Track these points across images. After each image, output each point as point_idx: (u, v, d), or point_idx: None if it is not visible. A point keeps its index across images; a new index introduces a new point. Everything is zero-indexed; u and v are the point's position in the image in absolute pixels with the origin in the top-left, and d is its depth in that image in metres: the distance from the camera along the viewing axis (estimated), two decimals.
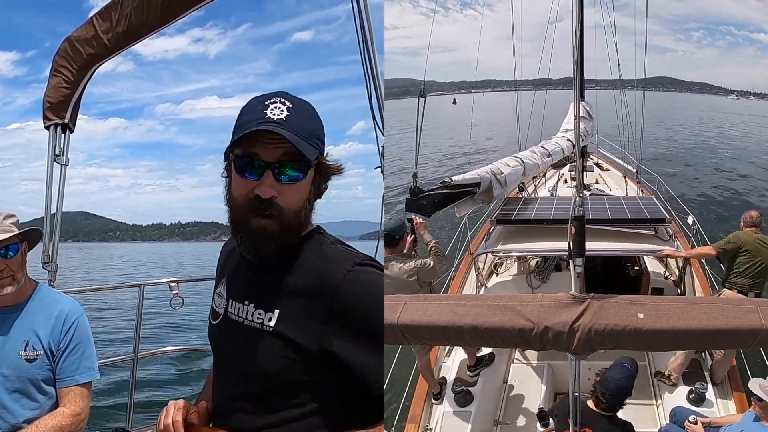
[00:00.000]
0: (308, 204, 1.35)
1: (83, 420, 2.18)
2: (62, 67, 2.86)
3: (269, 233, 1.29)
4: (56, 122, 2.90)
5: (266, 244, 1.30)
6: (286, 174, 1.28)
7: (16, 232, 2.14)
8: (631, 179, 8.39)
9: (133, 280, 15.64)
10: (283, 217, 1.29)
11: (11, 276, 2.12)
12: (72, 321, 2.21)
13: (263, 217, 1.28)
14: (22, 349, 2.13)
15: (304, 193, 1.33)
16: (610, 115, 9.91)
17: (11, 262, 2.12)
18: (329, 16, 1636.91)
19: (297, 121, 1.30)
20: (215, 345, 1.50)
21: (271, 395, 1.32)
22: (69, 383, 2.19)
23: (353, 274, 1.28)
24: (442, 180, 3.69)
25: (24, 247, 2.21)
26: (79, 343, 2.21)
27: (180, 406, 1.42)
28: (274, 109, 1.29)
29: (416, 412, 4.07)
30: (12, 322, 2.16)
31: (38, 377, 2.15)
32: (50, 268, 2.88)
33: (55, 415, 2.13)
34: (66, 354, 2.19)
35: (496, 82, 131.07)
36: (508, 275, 5.86)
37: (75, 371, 2.19)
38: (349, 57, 25.60)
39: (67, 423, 2.12)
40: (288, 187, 1.29)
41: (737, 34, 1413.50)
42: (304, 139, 1.29)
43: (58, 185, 2.95)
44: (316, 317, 1.27)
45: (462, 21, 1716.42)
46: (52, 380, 2.19)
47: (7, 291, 2.12)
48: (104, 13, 2.75)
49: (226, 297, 1.45)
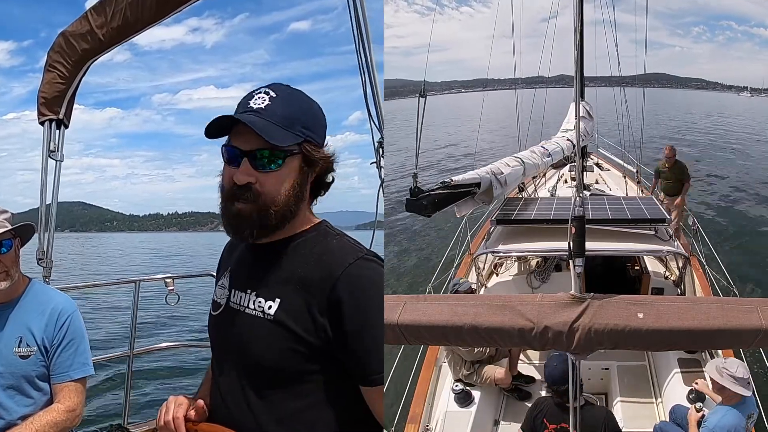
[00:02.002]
0: (294, 192, 1.36)
1: (78, 416, 2.19)
2: (57, 63, 2.84)
3: (244, 216, 1.32)
4: (51, 118, 2.88)
5: (243, 227, 1.34)
6: (262, 161, 1.31)
7: (8, 227, 2.13)
8: (631, 179, 8.39)
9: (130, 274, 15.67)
10: (259, 202, 1.32)
11: (5, 272, 2.12)
12: (65, 317, 2.22)
13: (239, 201, 1.32)
14: (16, 346, 2.14)
15: (285, 180, 1.34)
16: (609, 112, 9.89)
17: (5, 257, 2.12)
18: (326, 5, 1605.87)
19: (277, 108, 1.32)
20: (215, 335, 1.50)
21: (272, 386, 1.32)
22: (63, 379, 2.19)
23: (354, 268, 1.30)
24: (443, 180, 3.69)
25: (17, 243, 2.21)
26: (73, 339, 2.22)
27: (180, 402, 1.42)
28: (257, 99, 1.33)
29: (416, 412, 4.07)
30: (6, 319, 2.17)
31: (32, 373, 2.15)
32: (45, 264, 2.87)
33: (49, 411, 2.13)
34: (60, 350, 2.19)
35: (487, 81, 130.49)
36: (508, 275, 5.85)
37: (69, 367, 2.20)
38: (346, 47, 25.51)
39: (62, 419, 2.12)
40: (267, 175, 1.32)
41: (737, 29, 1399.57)
42: (281, 126, 1.31)
43: (53, 180, 2.93)
44: (316, 308, 1.28)
45: (458, 18, 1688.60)
46: (46, 376, 2.19)
47: (1, 287, 2.12)
48: (99, 7, 2.73)
49: (228, 287, 1.46)
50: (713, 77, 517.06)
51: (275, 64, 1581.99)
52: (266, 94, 1.34)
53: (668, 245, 4.76)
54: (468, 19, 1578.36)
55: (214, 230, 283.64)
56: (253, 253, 1.42)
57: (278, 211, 1.33)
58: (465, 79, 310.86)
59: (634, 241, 4.72)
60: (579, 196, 2.24)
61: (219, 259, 1.61)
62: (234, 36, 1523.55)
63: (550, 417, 3.33)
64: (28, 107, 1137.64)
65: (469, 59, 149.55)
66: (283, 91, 1.36)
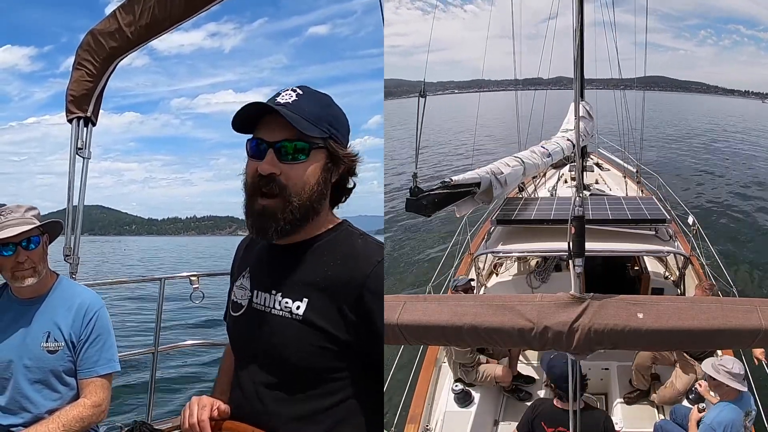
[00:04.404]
0: (318, 188, 1.36)
1: (104, 411, 2.21)
2: (85, 61, 2.87)
3: (270, 212, 1.32)
4: (79, 115, 2.91)
5: (268, 224, 1.33)
6: (287, 152, 1.31)
7: (37, 224, 2.17)
8: (631, 179, 8.38)
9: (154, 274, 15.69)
10: (286, 195, 1.32)
11: (33, 268, 2.15)
12: (93, 313, 2.24)
13: (265, 196, 1.32)
14: (44, 341, 2.16)
15: (311, 175, 1.34)
16: (609, 113, 9.87)
17: (32, 254, 2.15)
18: (345, 10, 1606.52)
19: (305, 105, 1.34)
20: (237, 336, 1.50)
21: (301, 385, 1.33)
22: (90, 375, 2.21)
23: (380, 266, 1.32)
24: (443, 180, 3.68)
25: (45, 240, 2.24)
26: (100, 335, 2.24)
27: (204, 404, 1.40)
28: (285, 96, 1.35)
29: (416, 412, 4.07)
30: (33, 314, 2.19)
31: (60, 368, 2.17)
32: (72, 260, 2.91)
33: (76, 405, 2.16)
34: (87, 346, 2.21)
35: (483, 82, 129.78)
36: (508, 275, 5.86)
37: (96, 363, 2.22)
38: (365, 51, 25.01)
39: (88, 414, 2.15)
40: (291, 167, 1.32)
41: (745, 33, 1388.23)
42: (308, 120, 1.32)
43: (80, 178, 2.96)
44: (346, 306, 1.29)
45: (462, 17, 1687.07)
46: (73, 371, 2.21)
47: (29, 282, 2.14)
48: (127, 6, 2.77)
49: (249, 288, 1.46)
50: (713, 81, 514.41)
51: (294, 68, 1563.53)
52: (293, 91, 1.36)
53: (668, 245, 4.76)
54: (473, 18, 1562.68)
55: (233, 234, 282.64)
56: (275, 253, 1.42)
57: (302, 204, 1.33)
58: (462, 80, 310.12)
59: (634, 241, 4.72)
60: (579, 196, 2.24)
61: (233, 258, 1.61)
62: (253, 40, 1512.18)
63: (548, 420, 3.33)
64: (48, 111, 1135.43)
65: (471, 59, 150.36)
66: (309, 91, 1.39)
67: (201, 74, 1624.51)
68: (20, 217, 2.14)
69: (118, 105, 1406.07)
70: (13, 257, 2.11)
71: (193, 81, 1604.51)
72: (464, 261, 6.07)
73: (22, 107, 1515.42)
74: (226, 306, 1.55)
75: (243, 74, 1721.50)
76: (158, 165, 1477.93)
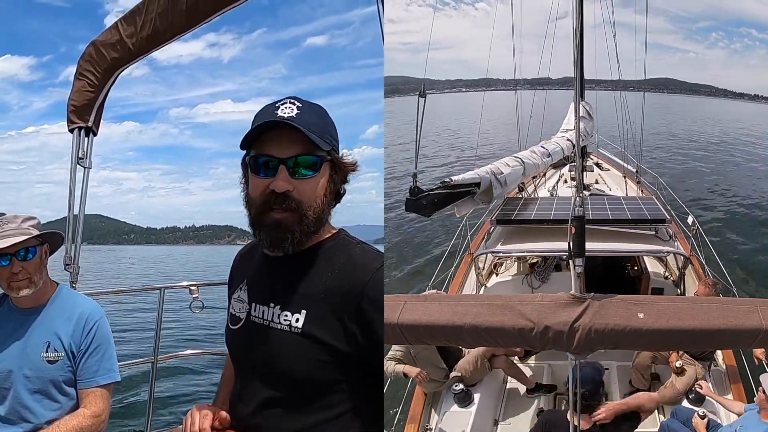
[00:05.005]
0: (325, 201, 1.36)
1: (103, 421, 2.20)
2: (87, 71, 2.90)
3: (287, 225, 1.31)
4: (80, 125, 2.94)
5: (284, 236, 1.32)
6: (300, 168, 1.31)
7: (33, 234, 2.15)
8: (631, 179, 8.38)
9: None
10: (301, 210, 1.31)
11: (28, 278, 2.13)
12: (93, 323, 2.22)
13: (280, 210, 1.30)
14: (44, 351, 2.15)
15: (320, 188, 1.34)
16: (609, 117, 9.84)
17: (28, 264, 2.13)
18: (343, 21, 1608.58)
19: (307, 117, 1.32)
20: (236, 350, 1.49)
21: (301, 398, 1.32)
22: (89, 384, 2.20)
23: (379, 274, 1.31)
24: (442, 180, 3.68)
25: (44, 250, 2.23)
26: (100, 345, 2.22)
27: (205, 413, 1.40)
28: (285, 109, 1.33)
29: (416, 412, 4.07)
30: (33, 324, 2.18)
31: (59, 378, 2.16)
32: (72, 269, 2.91)
33: (75, 415, 2.15)
34: (86, 355, 2.20)
35: (492, 81, 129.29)
36: (508, 275, 5.86)
37: (95, 373, 2.21)
38: (363, 61, 24.91)
39: (88, 424, 2.13)
40: (303, 182, 1.31)
41: (756, 36, 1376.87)
42: (315, 133, 1.31)
43: (81, 188, 2.98)
44: (346, 316, 1.28)
45: (473, 15, 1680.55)
46: (72, 381, 2.20)
47: (24, 293, 2.13)
48: (129, 17, 2.80)
49: (248, 301, 1.44)
50: (722, 84, 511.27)
51: (292, 79, 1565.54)
52: (292, 103, 1.34)
53: (668, 245, 4.76)
54: (484, 17, 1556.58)
55: (232, 243, 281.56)
56: (272, 264, 1.41)
57: (316, 217, 1.33)
58: (470, 78, 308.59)
59: (634, 241, 4.72)
60: (579, 196, 2.25)
61: (230, 270, 1.60)
62: (251, 51, 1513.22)
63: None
64: (47, 121, 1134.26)
65: (480, 58, 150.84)
66: (305, 103, 1.37)
67: (200, 84, 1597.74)
68: (16, 227, 2.12)
69: (117, 114, 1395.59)
70: (8, 268, 2.09)
71: (192, 91, 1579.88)
72: (464, 261, 6.07)
73: (21, 116, 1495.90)
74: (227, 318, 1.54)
75: (242, 84, 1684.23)
76: (157, 174, 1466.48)
